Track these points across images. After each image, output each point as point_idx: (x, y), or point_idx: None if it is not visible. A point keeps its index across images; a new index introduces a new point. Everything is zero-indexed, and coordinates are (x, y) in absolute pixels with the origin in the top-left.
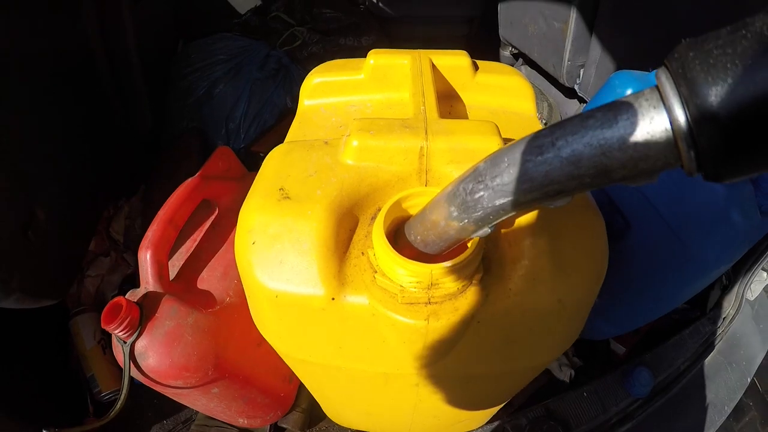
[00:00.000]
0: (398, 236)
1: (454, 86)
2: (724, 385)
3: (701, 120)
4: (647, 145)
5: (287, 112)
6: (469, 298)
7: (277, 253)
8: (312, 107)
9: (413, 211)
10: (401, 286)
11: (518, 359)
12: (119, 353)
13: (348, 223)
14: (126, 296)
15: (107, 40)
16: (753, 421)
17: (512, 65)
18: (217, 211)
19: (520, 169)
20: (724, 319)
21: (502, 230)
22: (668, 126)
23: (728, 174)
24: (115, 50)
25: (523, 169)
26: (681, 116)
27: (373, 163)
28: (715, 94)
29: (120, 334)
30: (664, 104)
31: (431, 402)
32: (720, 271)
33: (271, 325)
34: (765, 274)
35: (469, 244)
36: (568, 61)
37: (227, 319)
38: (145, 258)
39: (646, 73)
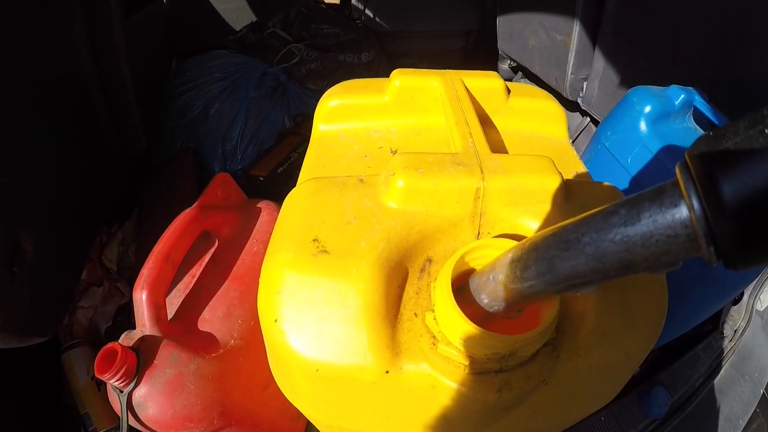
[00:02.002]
0: (460, 289)
1: (486, 110)
2: (738, 399)
3: (719, 218)
4: (668, 242)
5: (286, 133)
6: (540, 361)
7: (316, 320)
8: (329, 133)
9: (474, 264)
10: (471, 356)
11: (575, 412)
12: (115, 402)
13: (397, 278)
14: (120, 340)
15: (98, 59)
16: (760, 428)
17: (511, 79)
18: (216, 244)
19: (546, 263)
20: (735, 331)
21: None
22: (688, 224)
23: (744, 265)
24: (105, 69)
25: (550, 265)
26: (700, 215)
27: (422, 207)
28: (732, 193)
29: (116, 383)
30: (685, 202)
31: None
32: (741, 289)
33: (306, 397)
34: None
35: (546, 306)
36: (571, 74)
37: (232, 364)
38: (141, 299)
39: (663, 88)
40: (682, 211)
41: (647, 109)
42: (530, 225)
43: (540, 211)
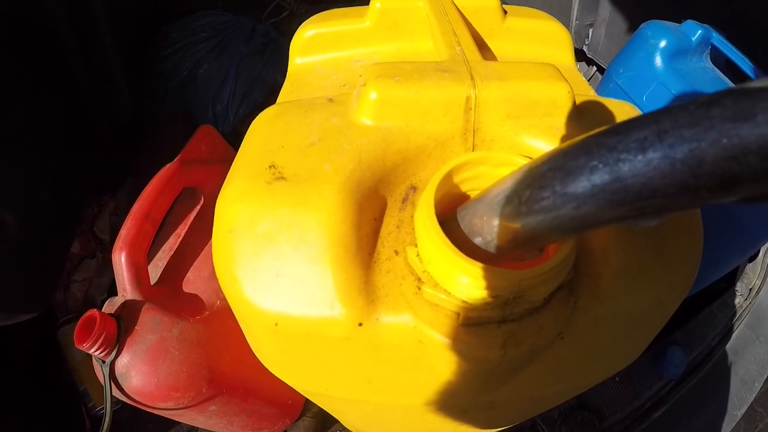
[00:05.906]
0: (446, 224)
1: (480, 33)
2: (753, 360)
3: None
4: None
5: (278, 89)
6: (555, 310)
7: (272, 262)
8: (306, 65)
9: (466, 187)
10: (465, 301)
11: (595, 373)
12: (99, 373)
13: (372, 208)
14: (103, 308)
15: (75, 21)
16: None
17: None
18: (202, 201)
19: (609, 171)
20: (750, 290)
21: None
22: None
23: None
24: (85, 31)
25: (615, 173)
26: None
27: (401, 122)
28: None
29: (97, 353)
30: None
31: (479, 423)
32: (765, 241)
33: (271, 356)
34: None
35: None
36: (576, 20)
37: (219, 326)
38: (120, 261)
39: (678, 24)
40: None
41: (663, 43)
42: (536, 144)
43: (548, 126)
